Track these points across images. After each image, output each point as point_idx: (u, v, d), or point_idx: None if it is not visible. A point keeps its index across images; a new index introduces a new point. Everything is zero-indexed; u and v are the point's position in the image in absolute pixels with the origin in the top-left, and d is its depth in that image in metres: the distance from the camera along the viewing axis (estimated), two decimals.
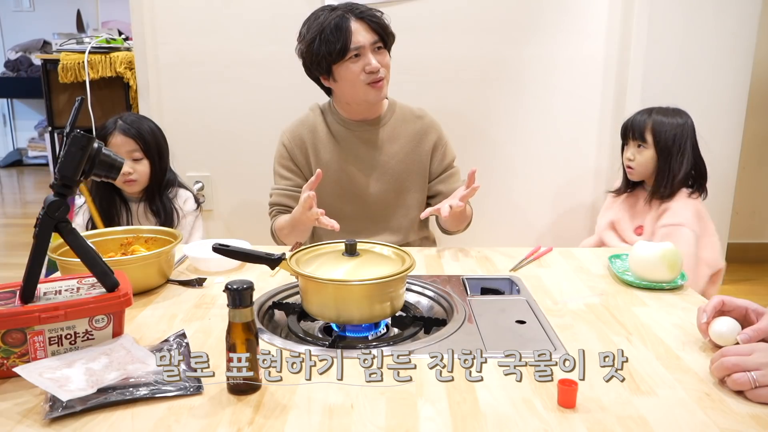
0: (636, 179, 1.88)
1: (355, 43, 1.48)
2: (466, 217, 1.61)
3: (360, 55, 1.50)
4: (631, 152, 1.84)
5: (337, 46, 1.48)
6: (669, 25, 2.41)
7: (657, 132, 1.79)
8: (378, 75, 1.51)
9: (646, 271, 1.19)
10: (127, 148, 1.64)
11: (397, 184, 1.65)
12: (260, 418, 0.73)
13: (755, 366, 0.78)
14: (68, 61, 2.98)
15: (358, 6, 1.52)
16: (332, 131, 1.64)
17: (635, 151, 1.82)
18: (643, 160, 1.82)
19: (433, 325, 1.04)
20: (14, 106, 5.90)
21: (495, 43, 2.37)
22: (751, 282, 2.90)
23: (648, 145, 1.80)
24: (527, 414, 0.75)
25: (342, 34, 1.47)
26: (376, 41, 1.51)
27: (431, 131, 1.66)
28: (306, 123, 1.66)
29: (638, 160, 1.83)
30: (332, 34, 1.48)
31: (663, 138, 1.78)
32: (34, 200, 4.73)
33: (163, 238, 1.27)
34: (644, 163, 1.82)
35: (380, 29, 1.51)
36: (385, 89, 1.56)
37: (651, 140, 1.79)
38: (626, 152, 1.86)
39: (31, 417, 0.74)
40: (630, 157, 1.83)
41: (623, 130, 1.88)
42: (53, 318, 0.83)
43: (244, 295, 0.77)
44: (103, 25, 4.95)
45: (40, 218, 0.85)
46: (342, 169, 1.63)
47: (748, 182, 3.02)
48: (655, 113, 1.82)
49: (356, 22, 1.49)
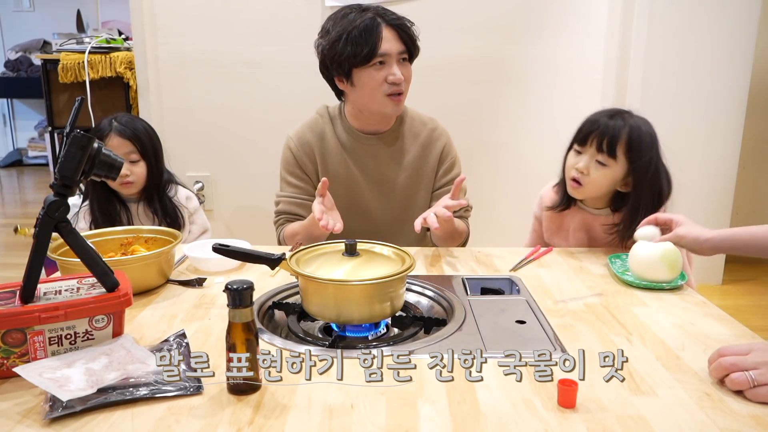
0: (580, 198, 1.44)
1: (383, 49, 1.41)
2: (457, 233, 1.53)
3: (385, 63, 1.43)
4: (584, 162, 1.35)
5: (364, 50, 1.40)
6: (669, 25, 2.41)
7: (635, 148, 1.32)
8: (399, 87, 1.45)
9: (646, 271, 1.19)
10: (123, 150, 1.63)
11: (404, 200, 1.60)
12: (260, 418, 0.73)
13: (753, 365, 0.79)
14: (68, 61, 2.98)
15: (389, 12, 1.46)
16: (341, 141, 1.57)
17: (592, 165, 1.35)
18: (601, 179, 1.35)
19: (433, 325, 1.04)
20: (14, 106, 5.90)
21: (495, 43, 2.37)
22: (751, 282, 2.90)
23: (616, 162, 1.34)
24: (527, 414, 0.75)
25: (371, 37, 1.40)
26: (403, 52, 1.45)
27: (439, 139, 1.60)
28: (314, 128, 1.58)
29: (594, 177, 1.35)
30: (360, 36, 1.41)
31: (641, 158, 1.33)
32: (34, 200, 4.73)
33: (163, 238, 1.27)
34: (600, 184, 1.36)
35: (409, 40, 1.45)
36: (402, 104, 1.50)
37: (623, 158, 1.33)
38: (575, 158, 1.38)
39: (31, 417, 0.74)
40: (582, 169, 1.35)
41: (584, 132, 1.37)
42: (53, 318, 0.83)
43: (244, 295, 0.77)
44: (103, 25, 4.95)
45: (40, 218, 0.85)
46: (349, 182, 1.57)
47: (748, 182, 3.03)
48: (630, 117, 1.36)
49: (388, 28, 1.43)
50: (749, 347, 0.82)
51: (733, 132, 2.59)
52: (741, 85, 2.53)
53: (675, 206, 2.52)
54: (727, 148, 2.60)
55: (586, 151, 1.36)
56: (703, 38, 2.44)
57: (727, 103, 2.53)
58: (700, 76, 2.48)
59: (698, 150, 2.56)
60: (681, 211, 1.30)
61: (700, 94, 2.50)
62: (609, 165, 1.35)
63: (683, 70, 2.46)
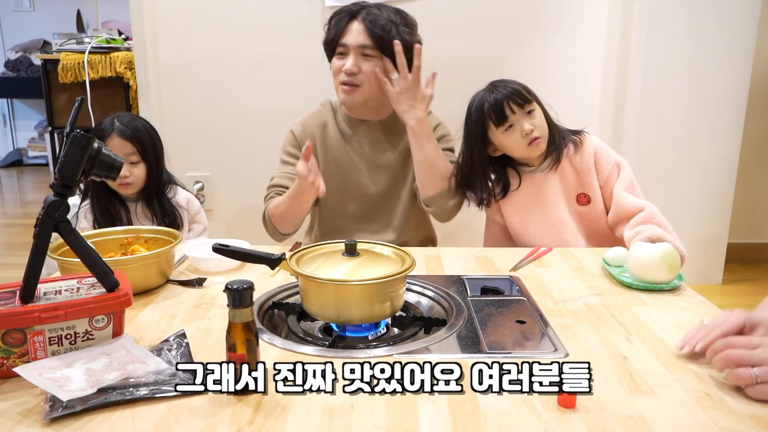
0: (543, 148, 1.51)
1: (343, 40, 1.51)
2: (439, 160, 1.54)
3: (344, 54, 1.52)
4: (527, 123, 1.45)
5: (329, 38, 1.55)
6: (669, 25, 2.42)
7: (526, 89, 1.49)
8: (350, 78, 1.51)
9: (645, 272, 1.18)
10: (124, 151, 1.63)
11: (396, 179, 1.66)
12: (260, 418, 0.73)
13: (759, 362, 0.77)
14: (68, 61, 2.98)
15: (372, 8, 1.53)
16: (341, 129, 1.65)
17: (527, 120, 1.46)
18: (541, 122, 1.49)
19: (433, 325, 1.04)
20: (14, 106, 5.91)
21: (495, 43, 2.37)
22: (751, 282, 2.90)
23: (533, 104, 1.48)
24: (527, 414, 0.75)
25: (337, 28, 1.53)
26: (367, 46, 1.50)
27: (431, 121, 1.64)
28: (317, 118, 1.67)
29: (538, 124, 1.47)
30: (334, 26, 1.54)
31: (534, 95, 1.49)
32: (34, 200, 4.73)
33: (163, 238, 1.27)
34: (543, 125, 1.49)
35: (377, 37, 1.49)
36: (356, 96, 1.54)
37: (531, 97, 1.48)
38: (511, 134, 1.47)
39: (31, 417, 0.74)
40: (529, 129, 1.45)
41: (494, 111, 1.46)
42: (53, 318, 0.83)
43: (244, 295, 0.77)
44: (103, 25, 4.95)
45: (40, 218, 0.85)
46: (347, 167, 1.64)
47: (748, 182, 3.03)
48: (499, 84, 1.50)
49: (357, 22, 1.51)
50: (759, 341, 0.79)
51: (733, 132, 2.58)
52: (741, 85, 2.53)
53: (675, 206, 2.52)
54: (727, 148, 2.60)
55: (513, 119, 1.46)
56: (703, 38, 2.44)
57: (727, 103, 2.53)
58: (700, 76, 2.48)
59: (698, 150, 2.56)
60: (681, 211, 1.30)
61: (700, 94, 2.50)
62: (536, 108, 1.49)
63: (683, 70, 2.46)
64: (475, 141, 1.52)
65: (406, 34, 1.52)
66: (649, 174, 2.46)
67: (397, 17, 1.53)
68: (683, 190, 2.59)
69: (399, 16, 1.54)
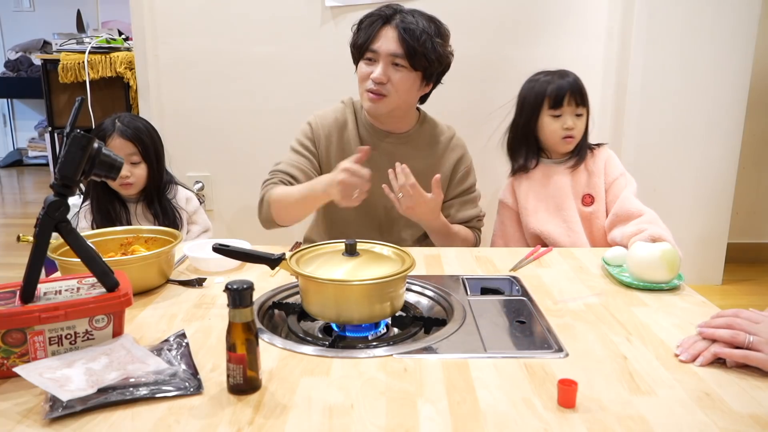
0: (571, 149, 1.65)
1: (374, 46, 1.45)
2: (459, 238, 1.56)
3: (373, 60, 1.46)
4: (570, 120, 1.58)
5: (359, 42, 1.48)
6: (669, 25, 2.42)
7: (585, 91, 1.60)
8: (378, 87, 1.46)
9: (644, 272, 1.18)
10: (125, 151, 1.63)
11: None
12: (260, 418, 0.73)
13: (757, 332, 0.82)
14: (68, 61, 2.98)
15: (406, 15, 1.46)
16: (360, 134, 1.59)
17: (573, 119, 1.59)
18: (583, 129, 1.61)
19: (433, 325, 1.04)
20: (14, 106, 5.90)
21: (495, 43, 2.37)
22: (751, 282, 2.90)
23: (585, 108, 1.60)
24: (527, 414, 0.75)
25: (369, 32, 1.46)
26: (398, 55, 1.43)
27: (455, 149, 1.61)
28: (338, 115, 1.60)
29: (579, 128, 1.60)
30: (365, 28, 1.47)
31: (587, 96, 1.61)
32: (34, 200, 4.73)
33: (163, 238, 1.27)
34: (581, 131, 1.61)
35: (410, 47, 1.42)
36: (381, 106, 1.49)
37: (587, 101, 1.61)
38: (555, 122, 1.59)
39: (31, 417, 0.74)
40: (571, 126, 1.58)
41: (555, 95, 1.58)
42: (53, 318, 0.83)
43: (244, 295, 0.77)
44: (103, 25, 4.95)
45: (40, 218, 0.85)
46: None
47: (748, 182, 3.03)
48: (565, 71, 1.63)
49: (390, 28, 1.44)
50: (762, 318, 0.84)
51: (733, 132, 2.58)
52: (741, 85, 2.53)
53: (675, 206, 2.52)
54: (727, 148, 2.60)
55: (565, 111, 1.58)
56: (703, 38, 2.44)
57: (727, 103, 2.53)
58: (700, 76, 2.48)
59: (698, 150, 2.56)
60: (681, 211, 1.31)
61: (700, 94, 2.50)
62: (583, 114, 1.60)
63: (683, 70, 2.46)
64: (528, 111, 1.63)
65: (439, 46, 1.46)
66: (648, 174, 2.46)
67: (431, 27, 1.46)
68: (683, 190, 2.59)
69: (433, 25, 1.47)
